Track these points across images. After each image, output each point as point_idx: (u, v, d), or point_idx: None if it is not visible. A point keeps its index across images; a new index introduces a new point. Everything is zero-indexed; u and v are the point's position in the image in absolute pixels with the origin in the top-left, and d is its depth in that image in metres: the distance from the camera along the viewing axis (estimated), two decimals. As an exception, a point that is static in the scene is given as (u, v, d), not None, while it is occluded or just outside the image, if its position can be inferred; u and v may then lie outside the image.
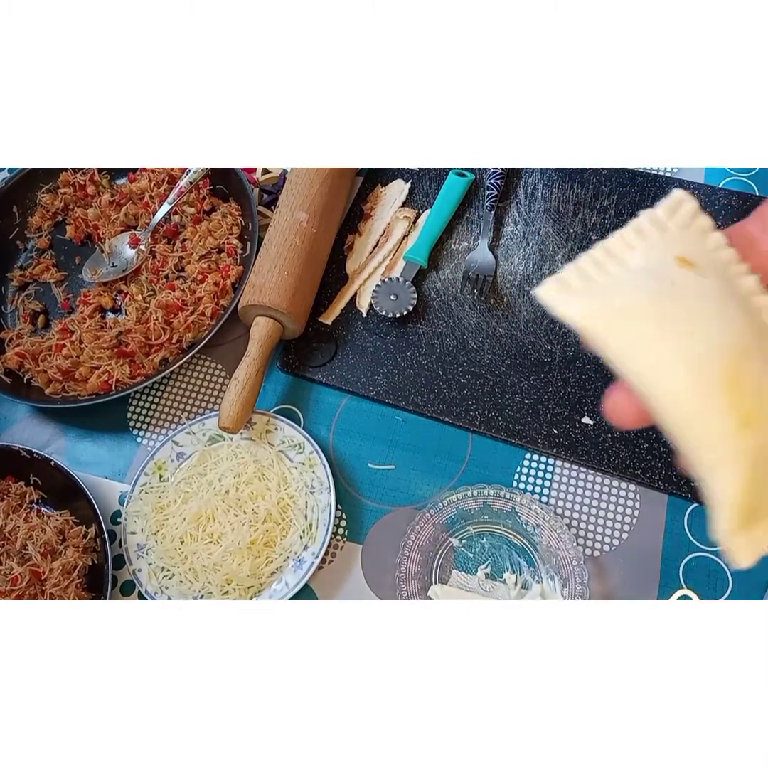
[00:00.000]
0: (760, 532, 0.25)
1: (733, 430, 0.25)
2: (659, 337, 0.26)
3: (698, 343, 0.25)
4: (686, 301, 0.26)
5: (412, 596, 0.58)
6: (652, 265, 0.28)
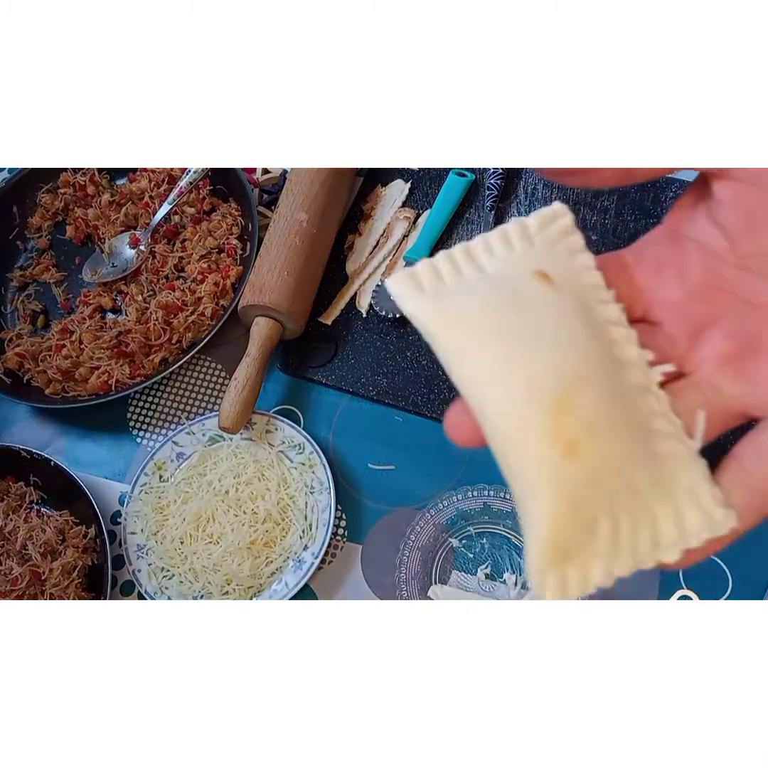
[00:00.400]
0: (570, 574, 0.23)
1: (553, 458, 0.22)
2: (489, 347, 0.23)
3: (531, 360, 0.23)
4: (528, 314, 0.24)
5: (412, 596, 0.58)
6: (506, 274, 0.25)
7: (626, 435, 0.24)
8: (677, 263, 0.26)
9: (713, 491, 0.24)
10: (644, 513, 0.24)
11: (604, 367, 0.24)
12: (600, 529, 0.23)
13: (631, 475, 0.24)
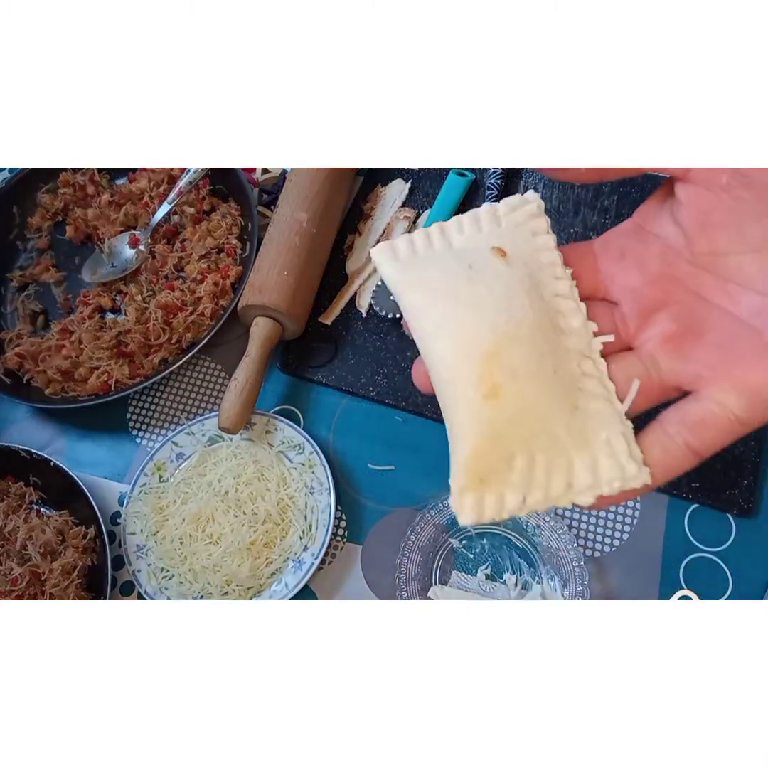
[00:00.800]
0: (487, 500, 0.26)
1: (476, 399, 0.26)
2: (440, 306, 0.27)
3: (471, 318, 0.27)
4: (478, 282, 0.27)
5: (412, 597, 0.57)
6: (468, 249, 0.29)
7: (551, 389, 0.27)
8: (638, 254, 0.29)
9: (632, 447, 0.27)
10: (561, 456, 0.27)
11: (541, 331, 0.28)
12: (516, 463, 0.27)
13: (551, 423, 0.27)
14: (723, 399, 0.26)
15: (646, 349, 0.28)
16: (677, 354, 0.28)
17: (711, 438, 0.27)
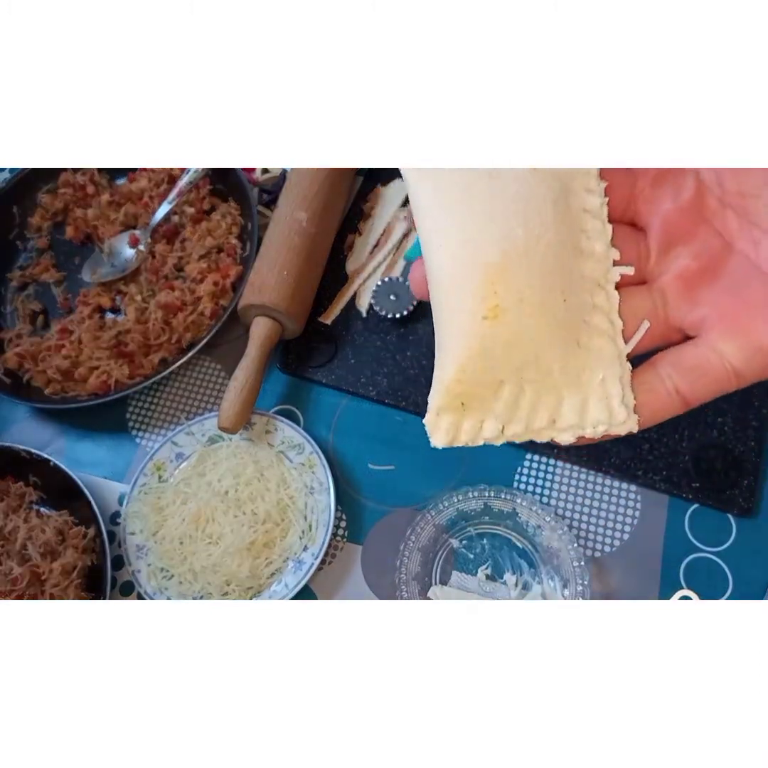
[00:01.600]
0: (464, 425, 0.25)
1: (475, 316, 0.24)
2: (448, 206, 0.25)
3: (482, 225, 0.24)
4: (497, 184, 0.25)
5: (412, 597, 0.57)
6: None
7: (556, 318, 0.25)
8: (674, 181, 0.28)
9: (626, 392, 0.26)
10: (550, 392, 0.25)
11: (560, 250, 0.25)
12: (503, 392, 0.25)
13: (548, 356, 0.25)
14: (722, 347, 0.25)
15: (659, 283, 0.28)
16: (688, 294, 0.27)
17: (702, 385, 0.26)
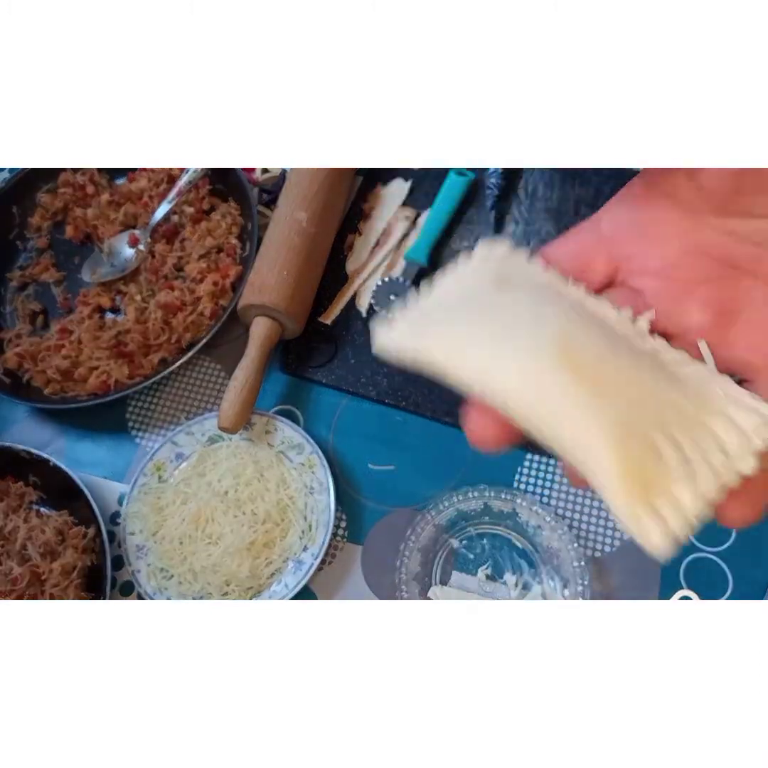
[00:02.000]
0: (662, 508, 0.23)
1: (585, 403, 0.23)
2: (479, 339, 0.25)
3: (520, 337, 0.24)
4: (498, 310, 0.25)
5: (412, 597, 0.57)
6: (466, 284, 0.28)
7: (638, 364, 0.24)
8: (655, 227, 0.26)
9: (749, 393, 0.24)
10: (697, 426, 0.24)
11: (587, 324, 0.25)
12: (664, 450, 0.23)
13: (665, 395, 0.24)
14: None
15: (685, 339, 0.26)
16: (718, 344, 0.25)
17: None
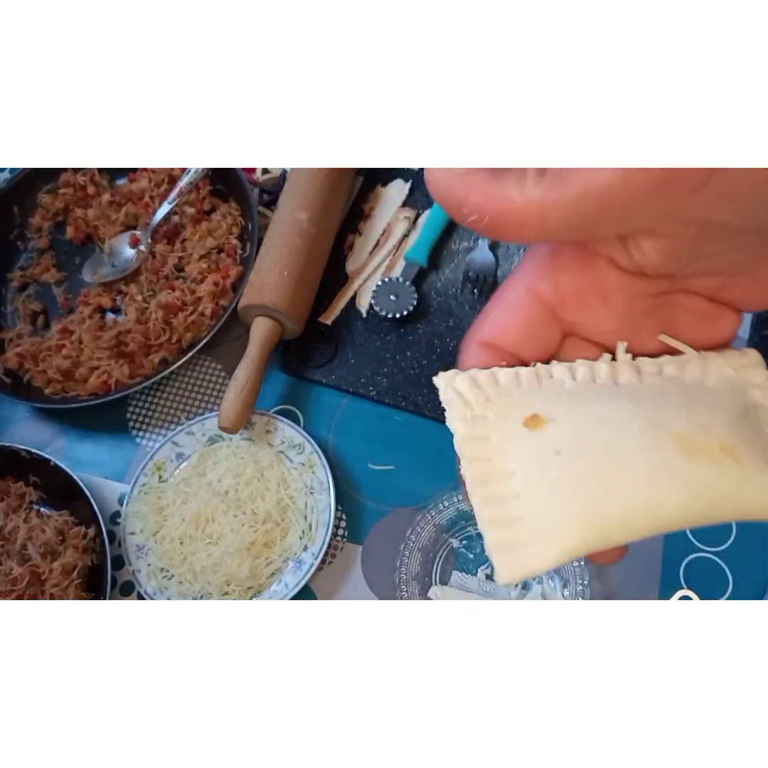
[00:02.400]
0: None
1: (726, 469, 0.23)
2: (616, 496, 0.24)
3: (638, 458, 0.24)
4: (584, 450, 0.25)
5: (412, 597, 0.57)
6: (522, 455, 0.27)
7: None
8: (598, 290, 0.26)
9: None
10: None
11: (646, 397, 0.25)
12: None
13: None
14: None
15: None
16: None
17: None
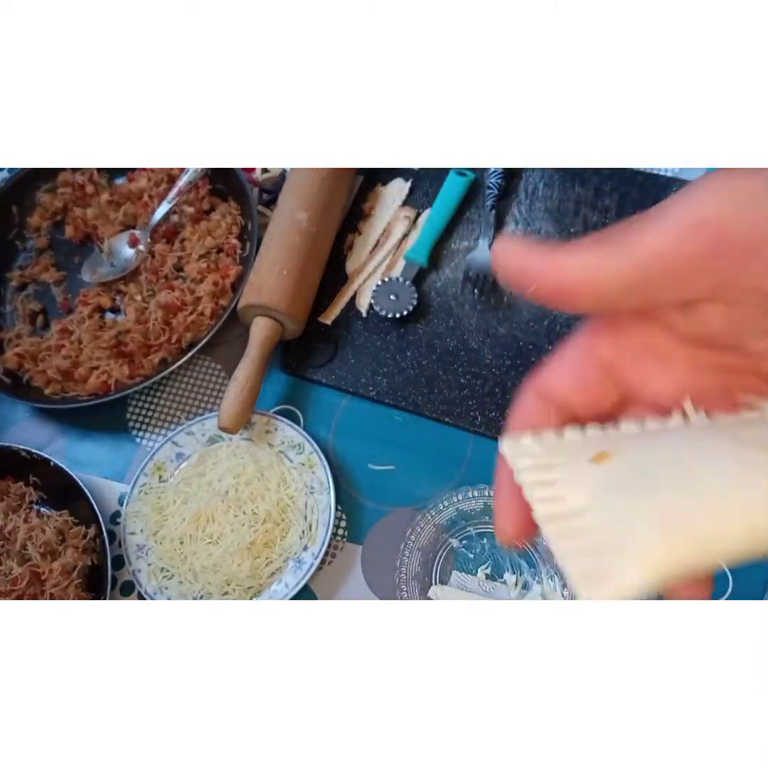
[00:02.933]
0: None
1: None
2: (698, 512, 0.24)
3: (709, 473, 0.23)
4: (660, 470, 0.24)
5: (412, 597, 0.57)
6: (593, 488, 0.26)
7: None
8: (659, 352, 0.26)
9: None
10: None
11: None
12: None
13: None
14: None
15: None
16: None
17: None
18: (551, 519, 0.26)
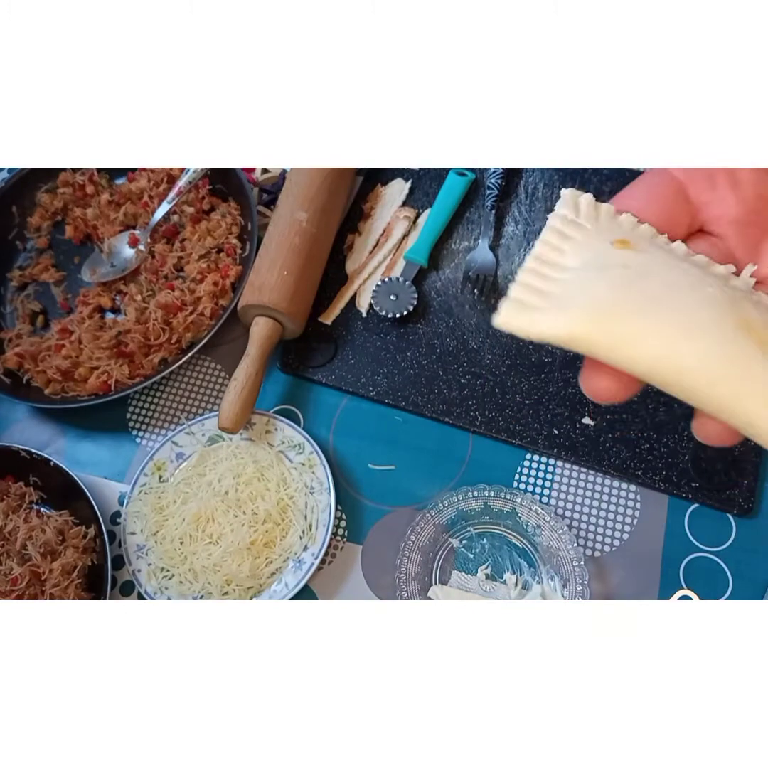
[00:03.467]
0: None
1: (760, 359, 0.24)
2: (653, 322, 0.25)
3: (696, 309, 0.24)
4: (651, 276, 0.25)
5: (412, 597, 0.57)
6: (591, 259, 0.27)
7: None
8: (727, 175, 0.26)
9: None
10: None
11: (722, 284, 0.25)
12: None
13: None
14: None
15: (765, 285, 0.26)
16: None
17: None
18: (537, 257, 0.27)
